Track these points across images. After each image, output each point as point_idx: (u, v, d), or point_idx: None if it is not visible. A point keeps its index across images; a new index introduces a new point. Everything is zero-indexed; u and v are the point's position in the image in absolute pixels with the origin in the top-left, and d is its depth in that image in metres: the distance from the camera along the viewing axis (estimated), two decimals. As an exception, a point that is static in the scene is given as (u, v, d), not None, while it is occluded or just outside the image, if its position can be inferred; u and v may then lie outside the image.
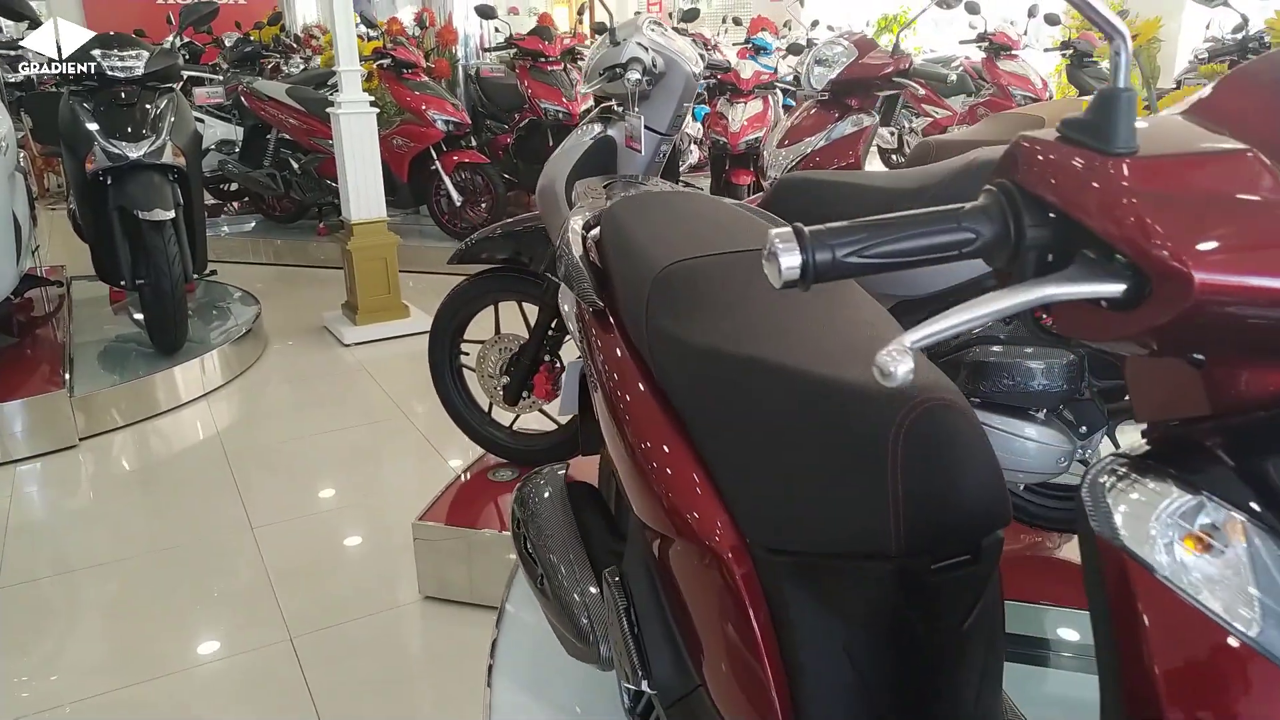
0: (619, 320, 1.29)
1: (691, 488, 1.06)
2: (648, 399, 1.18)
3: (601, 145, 2.08)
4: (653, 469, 1.11)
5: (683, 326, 1.10)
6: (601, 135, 2.08)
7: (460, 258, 2.42)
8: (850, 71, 2.74)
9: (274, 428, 3.39)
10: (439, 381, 2.57)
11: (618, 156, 2.10)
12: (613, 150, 2.09)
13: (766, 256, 0.62)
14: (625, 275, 1.26)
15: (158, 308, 3.52)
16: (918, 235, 0.62)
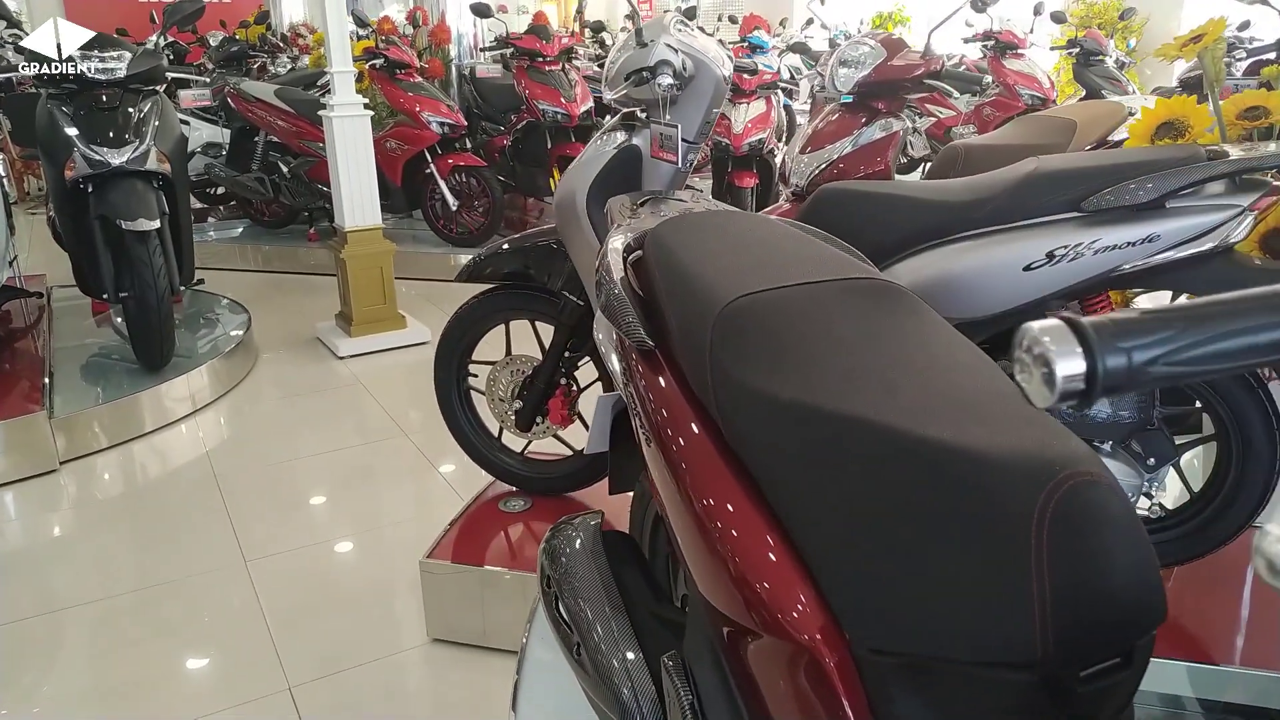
0: (673, 361, 1.13)
1: (773, 569, 0.90)
2: (714, 458, 1.02)
3: (626, 156, 1.92)
4: (723, 543, 0.95)
5: (758, 374, 0.95)
6: (626, 145, 1.92)
7: (469, 274, 2.26)
8: (878, 73, 2.59)
9: (266, 448, 3.22)
10: (445, 405, 2.41)
11: (643, 168, 1.94)
12: (638, 161, 1.93)
13: (1028, 358, 0.46)
14: (681, 310, 1.10)
15: (142, 322, 3.34)
16: (1263, 329, 0.46)
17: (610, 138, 1.96)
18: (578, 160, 2.00)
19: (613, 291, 1.24)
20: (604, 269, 1.30)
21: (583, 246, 1.96)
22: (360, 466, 3.08)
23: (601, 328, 1.39)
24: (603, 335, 1.37)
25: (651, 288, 1.22)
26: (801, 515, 0.89)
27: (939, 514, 0.78)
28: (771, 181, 5.79)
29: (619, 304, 1.21)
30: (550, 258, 2.13)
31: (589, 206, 1.92)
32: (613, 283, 1.26)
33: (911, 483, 0.79)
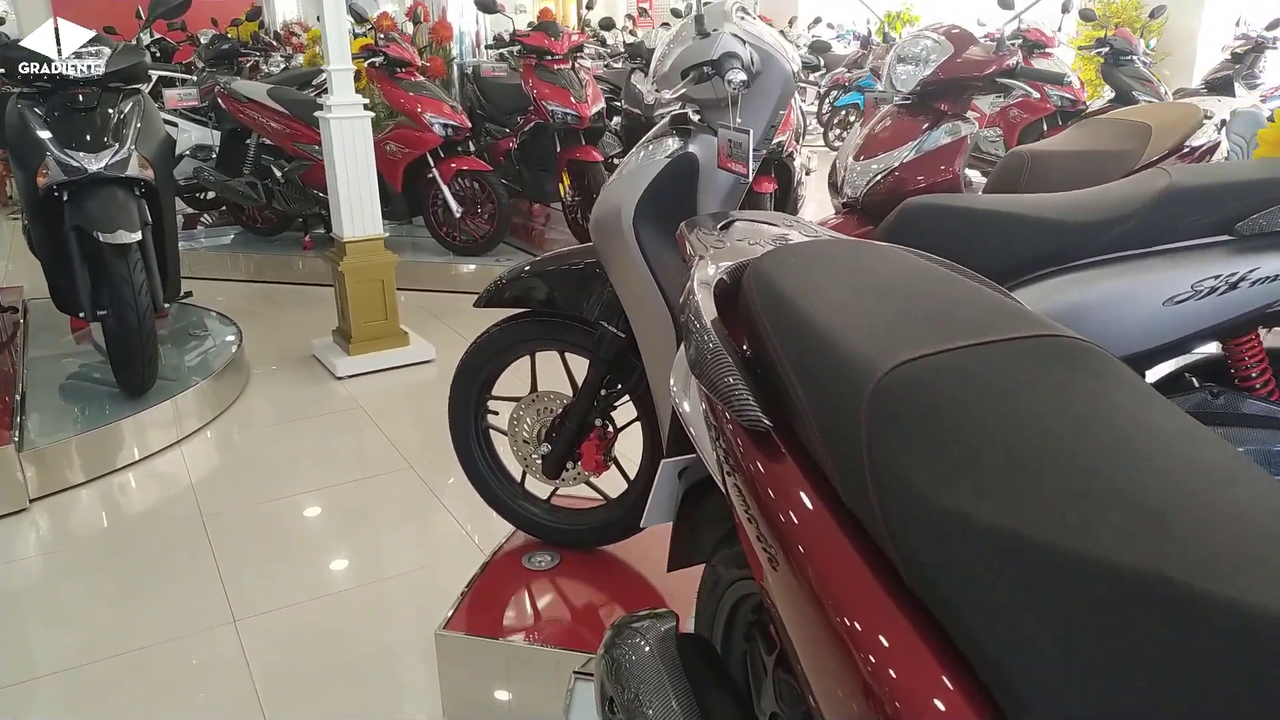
0: (797, 444, 0.86)
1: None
2: (867, 577, 0.74)
3: (680, 167, 1.64)
4: (880, 682, 0.68)
5: (940, 480, 0.67)
6: (680, 153, 1.64)
7: (489, 299, 1.98)
8: (944, 71, 2.32)
9: (258, 483, 2.93)
10: (461, 445, 2.13)
11: (699, 180, 1.66)
12: (693, 172, 1.65)
13: None
14: (811, 378, 0.82)
15: (122, 344, 3.05)
16: None
17: (659, 145, 1.67)
18: (621, 172, 1.72)
19: (706, 344, 0.96)
20: (691, 312, 1.01)
21: (627, 271, 1.68)
22: (362, 504, 2.79)
23: (681, 381, 1.11)
24: (679, 387, 1.09)
25: (758, 339, 0.94)
26: (1010, 668, 0.61)
27: (1224, 691, 0.51)
28: (790, 186, 5.52)
29: (715, 363, 0.93)
30: (586, 282, 1.85)
31: (636, 225, 1.64)
32: (704, 331, 0.97)
33: (1177, 644, 0.52)
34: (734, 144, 1.50)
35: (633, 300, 1.71)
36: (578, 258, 1.89)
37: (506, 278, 1.96)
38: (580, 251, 1.90)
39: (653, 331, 1.69)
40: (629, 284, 1.70)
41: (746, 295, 0.98)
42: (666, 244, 1.66)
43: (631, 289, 1.70)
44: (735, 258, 1.07)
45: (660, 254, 1.65)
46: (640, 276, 1.66)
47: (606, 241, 1.72)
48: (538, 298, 1.92)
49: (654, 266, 1.64)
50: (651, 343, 1.71)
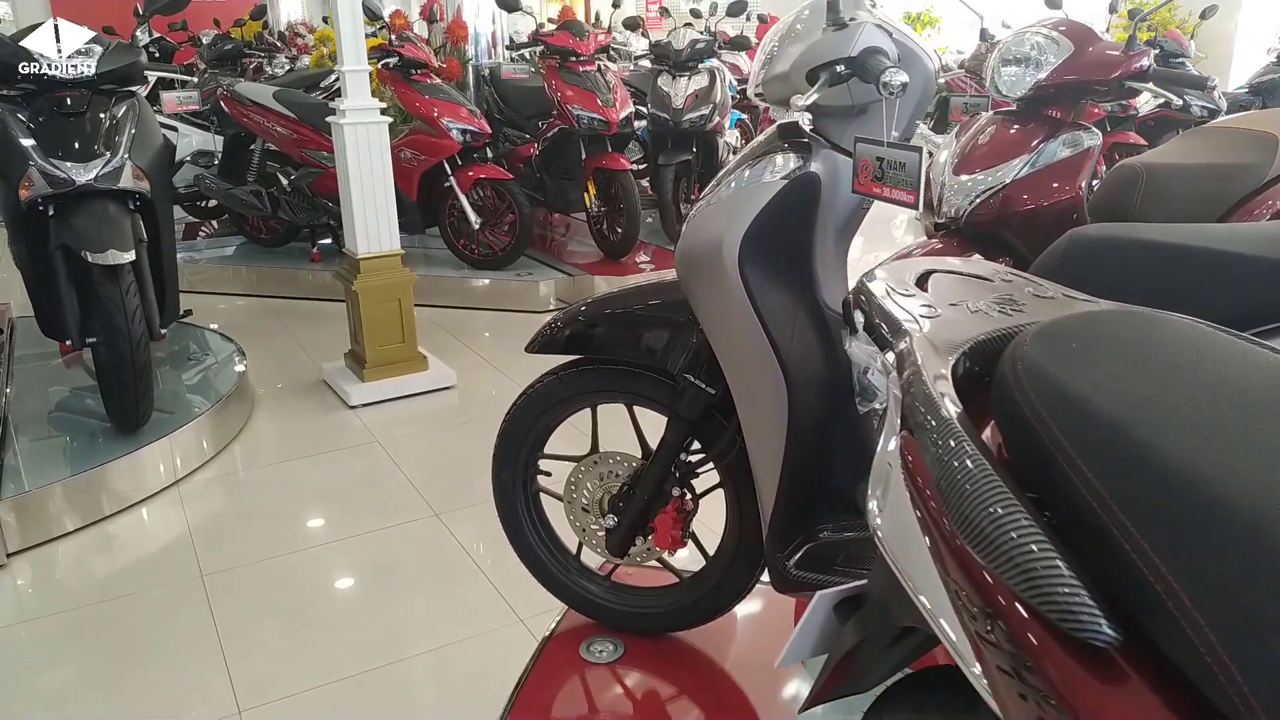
0: (1140, 651, 0.54)
1: None
2: None
3: (799, 190, 1.33)
4: None
5: None
6: (800, 173, 1.32)
7: (544, 343, 1.66)
8: (1064, 73, 2.00)
9: (264, 536, 2.61)
10: (507, 511, 1.82)
11: (820, 207, 1.35)
12: (814, 196, 1.34)
13: None
14: (1175, 539, 0.51)
15: (114, 376, 2.73)
16: None
17: (769, 163, 1.36)
18: (720, 196, 1.40)
19: (969, 472, 0.64)
20: (926, 411, 0.69)
21: (726, 317, 1.37)
22: (382, 561, 2.47)
23: (888, 499, 0.79)
24: (881, 505, 0.77)
25: (1031, 455, 0.63)
26: None
27: None
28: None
29: (998, 514, 0.61)
30: (667, 326, 1.54)
31: (743, 262, 1.32)
32: (959, 450, 0.65)
33: None
34: (890, 164, 1.18)
35: (731, 352, 1.40)
36: (655, 296, 1.57)
37: (564, 319, 1.65)
38: (657, 289, 1.59)
39: (757, 391, 1.38)
40: (727, 332, 1.38)
41: (1011, 394, 0.66)
42: (779, 284, 1.35)
43: (730, 338, 1.38)
44: (964, 332, 0.76)
45: (771, 297, 1.34)
46: (744, 324, 1.34)
47: (699, 279, 1.41)
48: (603, 343, 1.61)
49: (763, 313, 1.33)
50: (755, 405, 1.39)
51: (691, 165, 5.32)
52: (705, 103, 5.21)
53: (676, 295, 1.53)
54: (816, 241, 1.37)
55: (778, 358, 1.35)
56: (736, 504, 1.62)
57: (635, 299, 1.59)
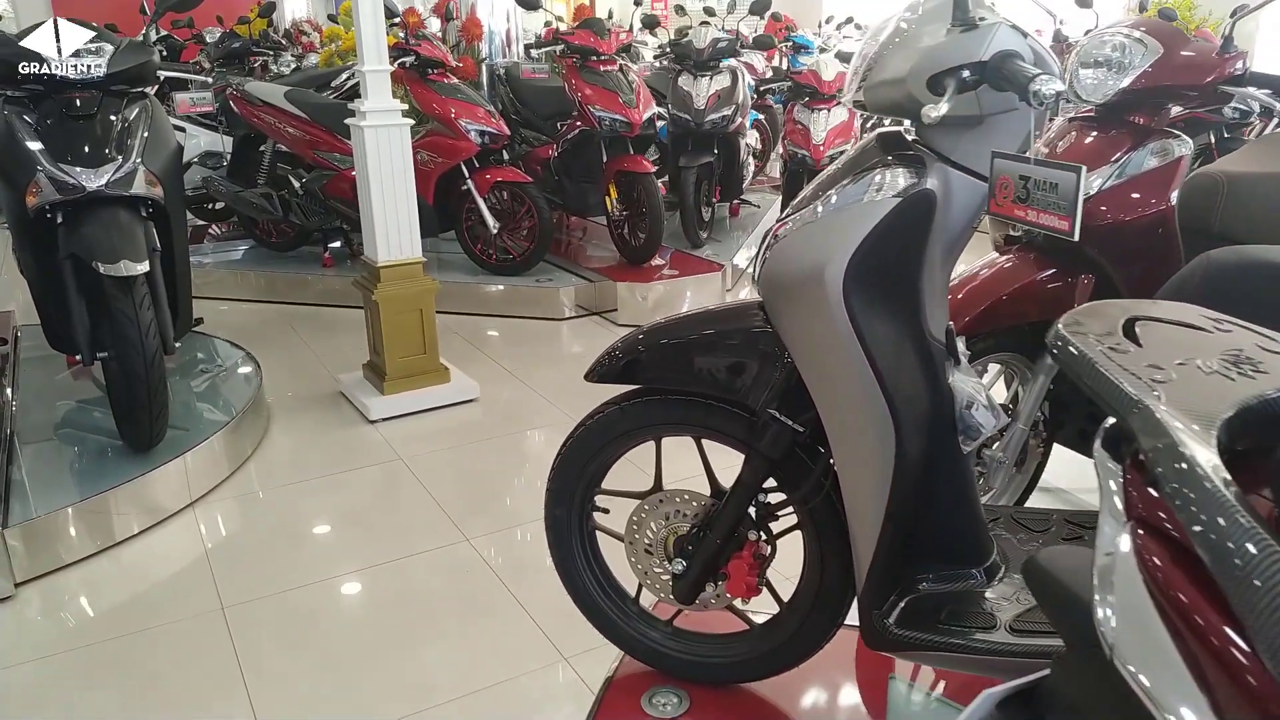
0: None
1: None
2: None
3: (914, 209, 1.19)
4: None
5: None
6: (915, 191, 1.18)
7: (604, 371, 1.52)
8: (1153, 77, 1.86)
9: (286, 563, 2.47)
10: (562, 551, 1.67)
11: (931, 228, 1.21)
12: (929, 215, 1.20)
13: None
14: None
15: (127, 393, 2.59)
16: None
17: (879, 178, 1.22)
18: (814, 216, 1.26)
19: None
20: (1223, 530, 0.56)
21: (824, 350, 1.23)
22: (411, 591, 2.33)
23: (1130, 611, 0.65)
24: (1134, 655, 0.63)
25: None
26: None
27: None
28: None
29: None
30: (748, 357, 1.39)
31: (848, 290, 1.19)
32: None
33: None
34: (1040, 185, 1.04)
35: (829, 387, 1.26)
36: (732, 323, 1.43)
37: (627, 345, 1.51)
38: (734, 314, 1.45)
39: (859, 431, 1.24)
40: (826, 366, 1.24)
41: None
42: (885, 314, 1.21)
43: (829, 373, 1.25)
44: (1211, 402, 0.63)
45: (877, 328, 1.20)
46: (847, 358, 1.20)
47: (791, 308, 1.27)
48: (673, 373, 1.47)
49: (869, 345, 1.19)
50: (855, 445, 1.26)
51: (713, 167, 5.18)
52: (728, 103, 5.07)
53: (756, 322, 1.39)
54: (926, 266, 1.23)
55: (884, 395, 1.21)
56: (817, 548, 1.48)
57: (709, 325, 1.45)
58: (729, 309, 1.47)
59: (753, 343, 1.38)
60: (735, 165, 5.39)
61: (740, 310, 1.44)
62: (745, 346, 1.39)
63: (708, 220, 5.26)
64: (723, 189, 5.43)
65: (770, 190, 6.87)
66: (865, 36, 1.31)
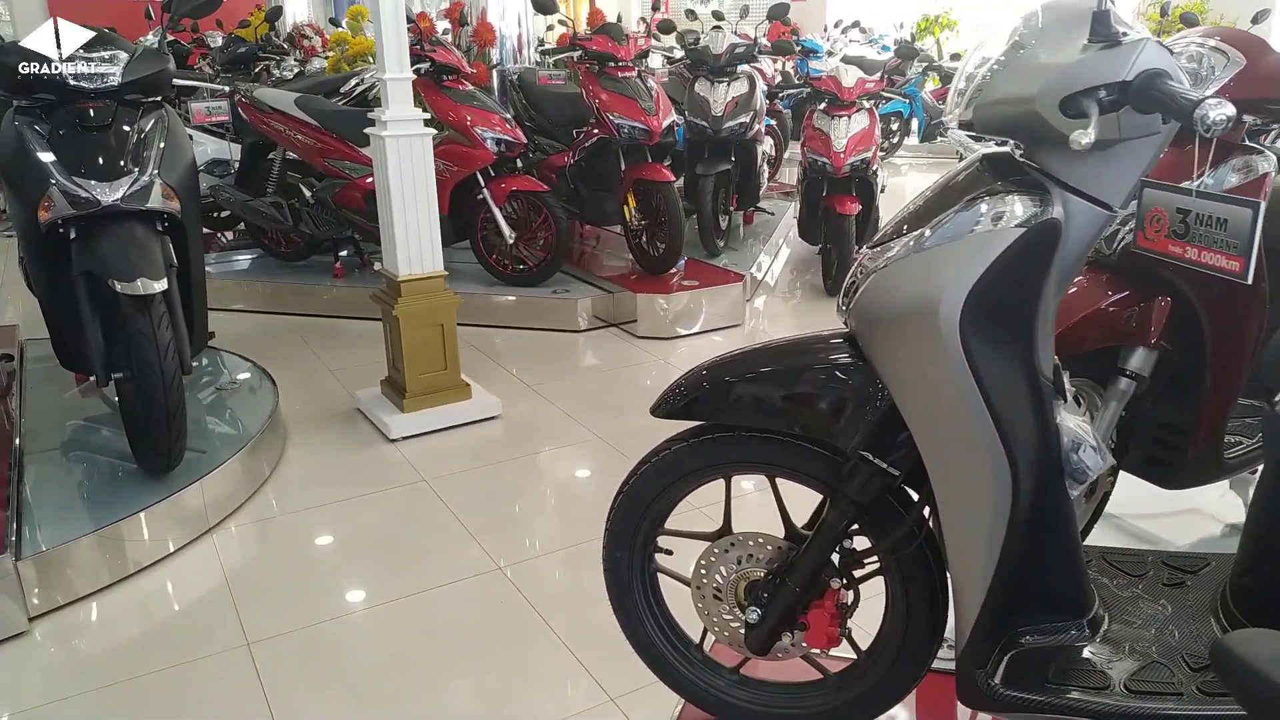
0: None
1: None
2: None
3: (1038, 238, 1.09)
4: None
5: None
6: (1040, 220, 1.09)
7: (672, 408, 1.42)
8: (1237, 90, 1.77)
9: (313, 594, 2.36)
10: (620, 592, 1.58)
11: (1054, 260, 1.11)
12: (1054, 246, 1.11)
13: None
14: None
15: (143, 416, 2.49)
16: None
17: (995, 206, 1.12)
18: (919, 246, 1.16)
19: None
20: None
21: (939, 391, 1.14)
22: (444, 625, 2.22)
23: None
24: None
25: None
26: None
27: None
28: (872, 206, 4.98)
29: None
30: (837, 393, 1.30)
31: (965, 329, 1.09)
32: None
33: None
34: (1204, 220, 0.95)
35: (938, 430, 1.17)
36: (817, 356, 1.33)
37: (694, 380, 1.41)
38: (818, 346, 1.35)
39: (971, 477, 1.15)
40: (934, 407, 1.15)
41: None
42: (1001, 352, 1.12)
43: (938, 415, 1.15)
44: None
45: (993, 368, 1.11)
46: (961, 400, 1.11)
47: (894, 344, 1.17)
48: (751, 410, 1.37)
49: (986, 386, 1.09)
50: (965, 492, 1.16)
51: (730, 175, 5.09)
52: (746, 110, 4.99)
53: (845, 356, 1.29)
54: (1042, 301, 1.14)
55: (1000, 438, 1.12)
56: (903, 595, 1.39)
57: (791, 359, 1.35)
58: (810, 341, 1.37)
59: (843, 379, 1.29)
60: (753, 173, 5.30)
61: (824, 342, 1.34)
62: (834, 382, 1.29)
63: (725, 229, 5.16)
64: (740, 197, 5.33)
65: (782, 197, 6.78)
66: (970, 53, 1.22)
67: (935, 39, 11.30)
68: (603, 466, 2.98)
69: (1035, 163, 1.15)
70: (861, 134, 4.78)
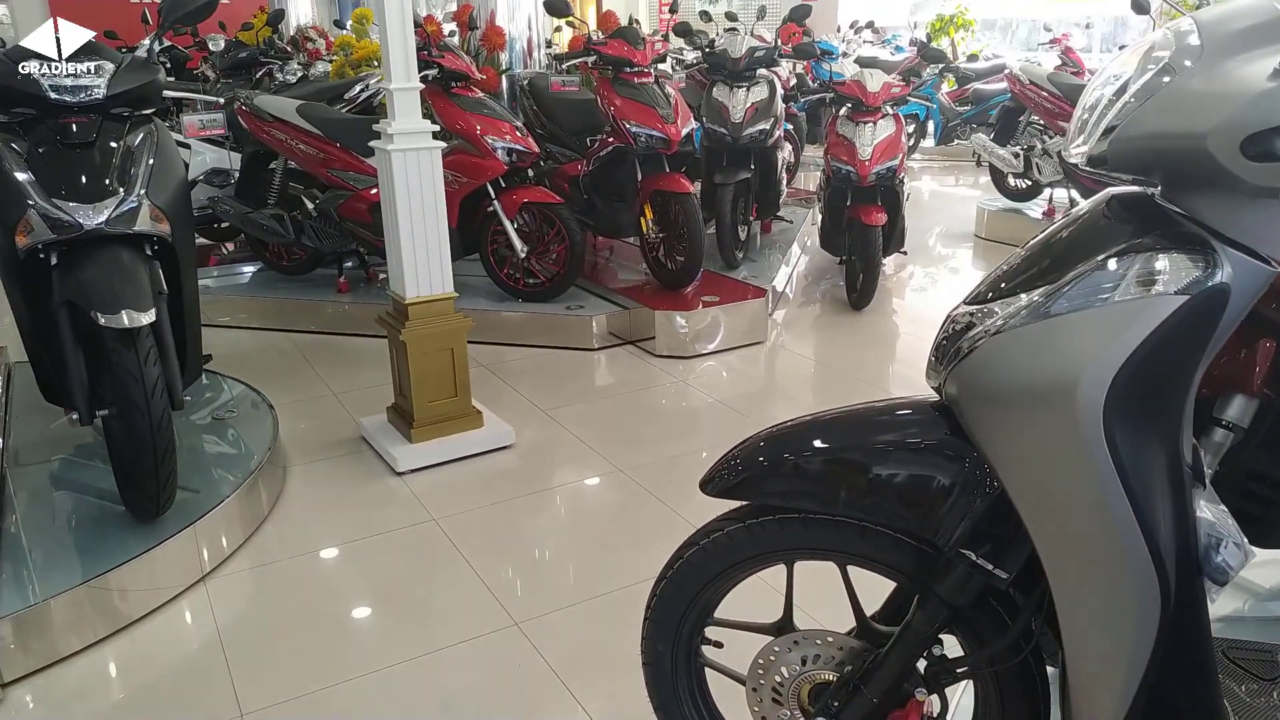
0: None
1: None
2: None
3: (1204, 307, 0.89)
4: None
5: None
6: (1209, 287, 0.89)
7: (729, 486, 1.21)
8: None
9: (315, 653, 2.16)
10: (661, 690, 1.37)
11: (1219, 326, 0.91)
12: (1219, 315, 0.90)
13: None
14: None
15: (131, 458, 2.29)
16: None
17: (1148, 266, 0.92)
18: (1043, 306, 0.96)
19: None
20: None
21: (1071, 484, 0.94)
22: (456, 691, 2.02)
23: None
24: None
25: None
26: None
27: None
28: (898, 216, 4.78)
29: None
30: (934, 478, 1.09)
31: (1110, 416, 0.89)
32: None
33: None
34: None
35: (1064, 528, 0.97)
36: (908, 431, 1.13)
37: (750, 454, 1.20)
38: (904, 418, 1.14)
39: (1105, 585, 0.95)
40: (1061, 501, 0.95)
41: None
42: (1146, 437, 0.92)
43: (1066, 510, 0.95)
44: None
45: (1138, 457, 0.91)
46: (1098, 494, 0.91)
47: (1011, 423, 0.97)
48: (824, 492, 1.16)
49: (1129, 479, 0.89)
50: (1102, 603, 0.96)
51: (750, 184, 4.88)
52: (766, 116, 4.78)
53: (941, 433, 1.09)
54: (1196, 375, 0.94)
55: (1144, 538, 0.92)
56: (998, 705, 1.18)
57: (871, 433, 1.15)
58: (894, 411, 1.17)
59: (940, 461, 1.08)
60: (773, 181, 5.09)
61: (912, 413, 1.14)
62: (928, 465, 1.09)
63: (744, 240, 4.96)
64: (760, 206, 5.13)
65: (799, 204, 6.58)
66: (1097, 74, 1.01)
67: (950, 39, 11.08)
68: (623, 503, 2.78)
69: (1182, 208, 0.95)
70: (888, 141, 4.57)
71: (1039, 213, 6.21)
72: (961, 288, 5.43)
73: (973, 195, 7.91)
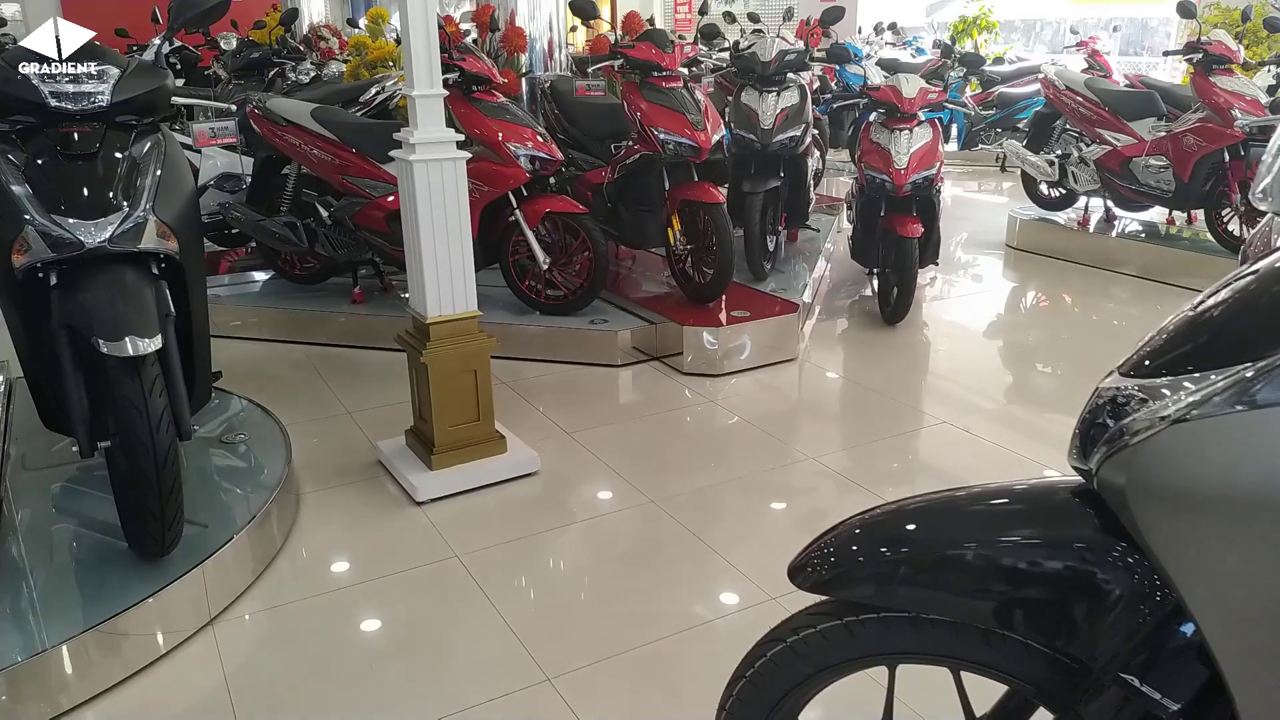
0: None
1: None
2: None
3: None
4: None
5: None
6: None
7: (823, 580, 1.04)
8: None
9: (329, 711, 1.99)
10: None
11: None
12: None
13: None
14: None
15: (134, 496, 2.13)
16: None
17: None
18: (1240, 390, 0.78)
19: None
20: None
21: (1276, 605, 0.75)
22: (490, 760, 1.85)
23: None
24: None
25: None
26: None
27: None
28: (933, 228, 4.59)
29: None
30: (1085, 587, 0.91)
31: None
32: None
33: None
34: None
35: (1264, 659, 0.78)
36: (1051, 525, 0.95)
37: (841, 546, 1.03)
38: (1044, 510, 0.96)
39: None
40: (1263, 628, 0.77)
41: None
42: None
43: (1269, 638, 0.77)
44: None
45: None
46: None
47: (1201, 532, 0.79)
48: (942, 594, 0.98)
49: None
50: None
51: (779, 192, 4.70)
52: (797, 122, 4.60)
53: (1091, 530, 0.91)
54: None
55: None
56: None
57: (999, 528, 0.97)
58: (1026, 498, 0.99)
59: (1093, 564, 0.90)
60: (802, 189, 4.91)
61: (1051, 502, 0.96)
62: (1078, 568, 0.91)
63: (772, 250, 4.78)
64: (789, 215, 4.94)
65: (825, 211, 6.39)
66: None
67: (974, 40, 10.86)
68: (655, 539, 2.60)
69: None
70: (925, 149, 4.39)
71: (1073, 222, 6.01)
72: (997, 301, 5.23)
73: (998, 201, 7.72)
